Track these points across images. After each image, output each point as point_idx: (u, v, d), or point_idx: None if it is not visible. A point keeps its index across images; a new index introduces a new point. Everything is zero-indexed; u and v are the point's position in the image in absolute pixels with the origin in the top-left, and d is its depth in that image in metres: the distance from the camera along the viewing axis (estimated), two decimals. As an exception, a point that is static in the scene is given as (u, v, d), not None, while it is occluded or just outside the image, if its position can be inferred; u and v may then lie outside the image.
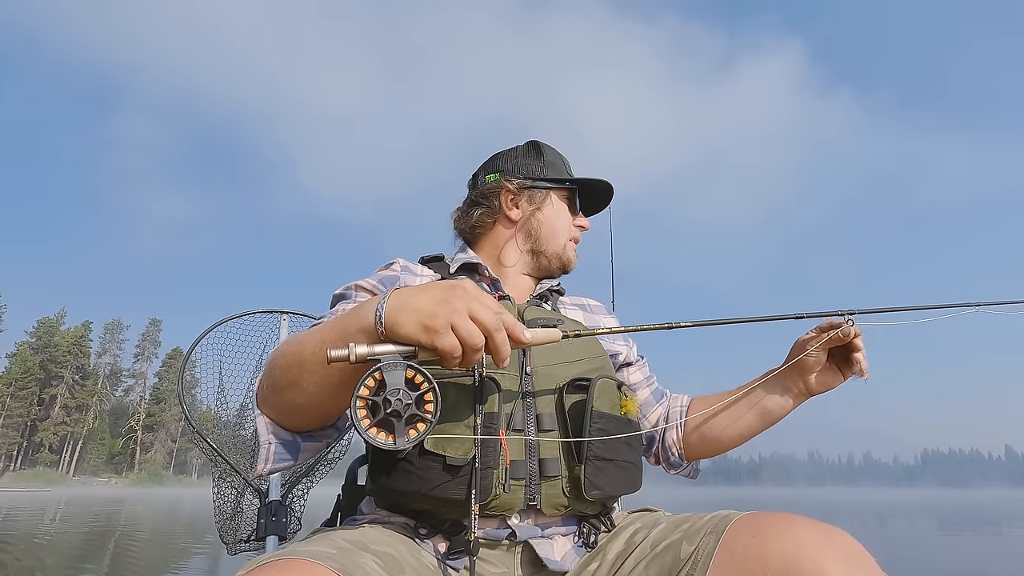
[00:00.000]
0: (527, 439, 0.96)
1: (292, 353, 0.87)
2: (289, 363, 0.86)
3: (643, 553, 0.94)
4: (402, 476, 0.91)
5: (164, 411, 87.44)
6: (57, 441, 79.58)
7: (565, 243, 1.27)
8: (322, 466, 2.20)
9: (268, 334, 2.29)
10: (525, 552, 0.97)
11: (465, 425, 0.91)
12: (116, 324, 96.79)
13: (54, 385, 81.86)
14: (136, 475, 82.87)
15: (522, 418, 0.97)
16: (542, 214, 1.25)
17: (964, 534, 14.75)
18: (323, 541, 0.82)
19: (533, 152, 1.29)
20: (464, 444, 0.90)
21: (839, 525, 0.83)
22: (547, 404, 1.00)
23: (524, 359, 1.01)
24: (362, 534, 0.88)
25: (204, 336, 2.18)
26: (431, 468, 0.90)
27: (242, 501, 2.06)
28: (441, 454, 0.90)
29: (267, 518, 1.87)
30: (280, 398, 0.89)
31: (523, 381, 1.00)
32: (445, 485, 0.89)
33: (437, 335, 0.75)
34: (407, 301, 0.78)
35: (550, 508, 0.96)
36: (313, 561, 0.72)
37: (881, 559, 0.80)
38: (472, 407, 0.92)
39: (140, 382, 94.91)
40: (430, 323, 0.76)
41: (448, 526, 0.95)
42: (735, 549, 0.82)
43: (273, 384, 0.89)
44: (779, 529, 0.81)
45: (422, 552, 0.93)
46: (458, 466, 0.89)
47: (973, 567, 9.01)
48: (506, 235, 1.27)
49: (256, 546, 1.89)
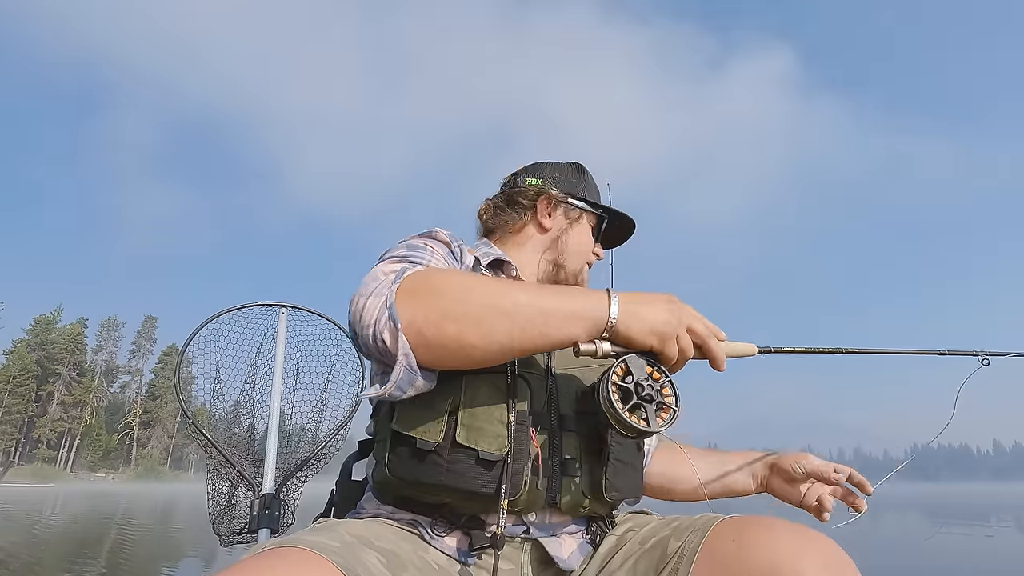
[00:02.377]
0: (551, 438, 0.97)
1: (507, 301, 0.87)
2: (502, 308, 0.86)
3: (632, 549, 0.95)
4: (430, 468, 0.91)
5: (160, 407, 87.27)
6: (54, 437, 79.34)
7: (583, 265, 1.30)
8: (317, 460, 2.20)
9: (266, 327, 2.27)
10: (534, 550, 0.98)
11: (498, 421, 0.92)
12: (112, 321, 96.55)
13: (51, 382, 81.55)
14: (133, 471, 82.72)
15: (547, 417, 0.98)
16: (573, 230, 1.28)
17: (952, 528, 14.81)
18: (327, 533, 0.82)
19: (577, 171, 1.33)
20: (498, 439, 0.91)
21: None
22: (570, 405, 1.00)
23: (549, 361, 1.02)
24: (366, 529, 0.88)
25: (203, 326, 2.17)
26: (462, 461, 0.90)
27: (236, 494, 2.06)
28: (474, 448, 0.90)
29: (260, 511, 1.87)
30: (457, 329, 0.85)
31: (548, 381, 1.01)
32: (476, 479, 0.90)
33: (666, 343, 0.89)
34: (637, 311, 0.89)
35: (569, 507, 0.97)
36: (315, 552, 0.72)
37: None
38: (505, 403, 0.93)
39: (136, 379, 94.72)
40: (664, 331, 0.89)
41: (465, 521, 0.95)
42: (717, 553, 0.83)
43: (454, 314, 0.85)
44: (760, 534, 0.81)
45: (428, 550, 0.92)
46: (492, 460, 0.90)
47: (960, 561, 9.07)
48: (533, 240, 1.28)
49: (249, 539, 1.89)
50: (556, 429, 0.98)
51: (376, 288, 0.90)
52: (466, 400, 0.93)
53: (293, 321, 2.28)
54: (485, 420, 0.92)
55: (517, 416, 0.92)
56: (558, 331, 0.87)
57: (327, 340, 2.35)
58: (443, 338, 0.85)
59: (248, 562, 0.70)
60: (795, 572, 0.75)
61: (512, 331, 0.86)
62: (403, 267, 0.95)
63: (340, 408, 2.34)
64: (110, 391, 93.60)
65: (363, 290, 0.91)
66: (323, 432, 2.29)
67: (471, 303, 0.86)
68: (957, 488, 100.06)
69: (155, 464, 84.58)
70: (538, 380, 0.99)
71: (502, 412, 0.93)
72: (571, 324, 0.88)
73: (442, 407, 0.93)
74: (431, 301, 0.87)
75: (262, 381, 2.27)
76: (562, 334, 0.88)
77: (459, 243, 1.17)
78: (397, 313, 0.85)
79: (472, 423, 0.92)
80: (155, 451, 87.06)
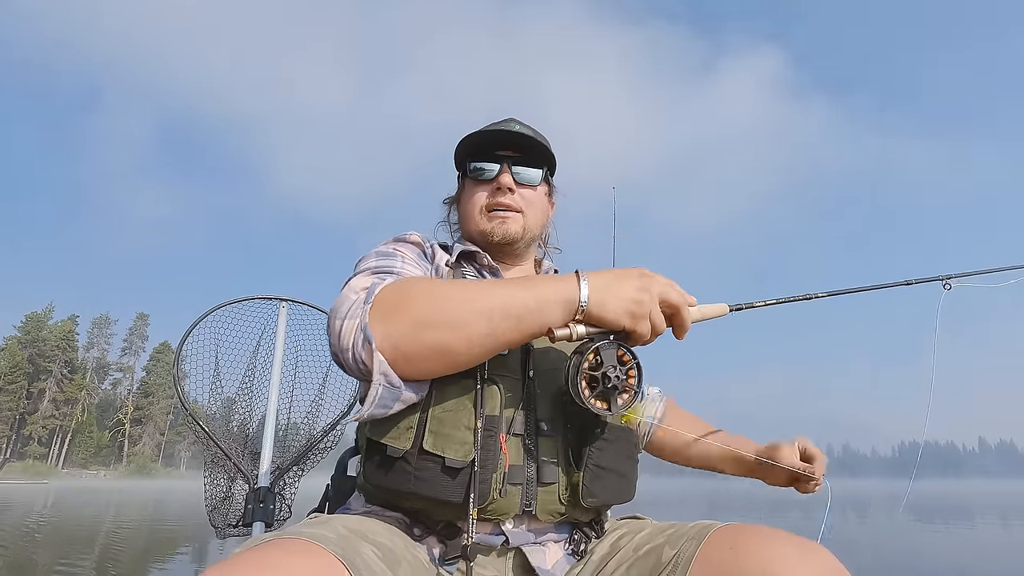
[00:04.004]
0: (526, 443, 0.95)
1: (479, 299, 0.88)
2: (476, 308, 0.87)
3: (626, 556, 0.95)
4: (399, 475, 0.91)
5: (152, 404, 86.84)
6: (46, 434, 78.91)
7: (477, 218, 1.22)
8: (313, 455, 2.21)
9: (266, 321, 2.27)
10: (517, 558, 0.97)
11: (465, 427, 0.91)
12: (104, 319, 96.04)
13: (43, 379, 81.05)
14: (125, 467, 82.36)
15: (522, 422, 0.96)
16: (464, 194, 1.26)
17: (938, 525, 14.93)
18: (324, 526, 0.82)
19: (460, 144, 1.25)
20: (464, 446, 0.90)
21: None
22: (548, 408, 0.98)
23: (528, 361, 1.00)
24: (360, 523, 0.88)
25: (203, 319, 2.17)
26: (429, 469, 0.90)
27: (233, 487, 2.07)
28: (440, 455, 0.89)
29: (255, 504, 1.88)
30: (435, 336, 0.86)
31: (525, 384, 0.99)
32: (443, 487, 0.89)
33: (639, 322, 0.89)
34: (610, 287, 0.90)
35: (545, 514, 0.95)
36: (315, 543, 0.72)
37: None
38: (474, 409, 0.92)
39: (128, 376, 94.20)
40: (636, 310, 0.89)
41: (442, 528, 0.94)
42: (712, 562, 0.83)
43: (430, 321, 0.86)
44: (756, 543, 0.81)
45: (418, 548, 0.93)
46: (457, 468, 0.89)
47: (946, 557, 9.14)
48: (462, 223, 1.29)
49: (244, 531, 1.90)
50: (532, 433, 0.96)
51: (350, 310, 0.91)
52: (435, 406, 0.92)
53: (293, 315, 2.28)
54: (452, 427, 0.91)
55: (486, 422, 0.91)
56: (533, 322, 0.89)
57: (327, 335, 2.34)
58: (422, 348, 0.86)
59: (246, 554, 0.70)
60: None
61: (489, 329, 0.87)
62: (373, 282, 0.96)
63: (338, 403, 2.35)
64: (102, 388, 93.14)
65: (338, 312, 0.92)
66: (320, 427, 2.30)
67: (444, 309, 0.87)
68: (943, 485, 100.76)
69: (147, 461, 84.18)
70: (512, 383, 0.97)
71: (470, 418, 0.92)
72: (544, 313, 0.89)
73: (412, 414, 0.92)
74: (404, 314, 0.87)
75: (261, 375, 2.27)
76: (537, 324, 0.89)
77: (431, 242, 1.18)
78: (372, 333, 0.87)
79: (439, 429, 0.91)
80: (147, 448, 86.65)
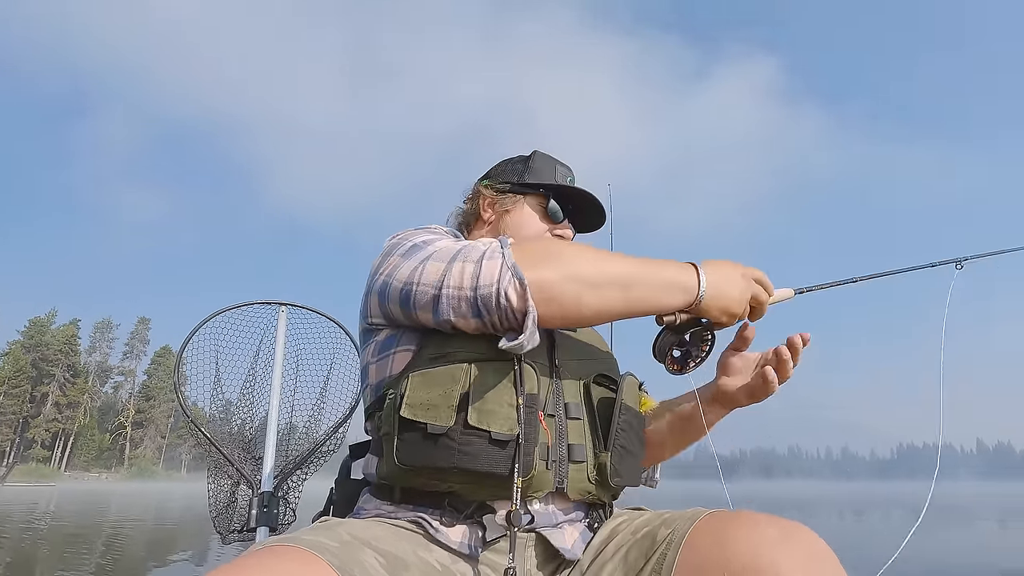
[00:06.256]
0: (557, 424, 0.99)
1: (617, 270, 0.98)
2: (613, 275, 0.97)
3: (625, 539, 0.96)
4: (442, 451, 0.91)
5: (153, 407, 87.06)
6: (49, 437, 79.12)
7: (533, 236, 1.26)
8: (316, 459, 2.20)
9: (266, 325, 2.27)
10: (538, 543, 0.98)
11: (508, 404, 0.93)
12: (106, 323, 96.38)
13: (46, 383, 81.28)
14: (126, 470, 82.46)
15: (554, 403, 1.00)
16: (510, 218, 1.27)
17: (936, 527, 14.91)
18: (326, 532, 0.82)
19: (521, 160, 1.33)
20: (508, 421, 0.92)
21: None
22: (574, 394, 1.03)
23: (554, 353, 1.06)
24: (365, 529, 0.88)
25: (203, 324, 2.16)
26: (474, 443, 0.91)
27: (237, 492, 2.06)
28: (486, 429, 0.91)
29: (259, 509, 1.87)
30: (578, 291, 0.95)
31: (552, 368, 1.04)
32: (489, 459, 0.90)
33: (732, 318, 1.04)
34: (720, 286, 1.01)
35: (575, 492, 0.98)
36: (310, 551, 0.72)
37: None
38: (513, 387, 0.95)
39: (129, 379, 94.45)
40: (736, 311, 1.04)
41: (473, 510, 0.95)
42: (698, 549, 0.84)
43: (579, 278, 0.95)
44: (740, 528, 0.82)
45: (430, 549, 0.92)
46: (504, 440, 0.91)
47: (944, 558, 9.13)
48: (481, 234, 1.30)
49: (248, 537, 1.90)
50: (562, 416, 1.00)
51: (486, 252, 0.96)
52: (475, 385, 0.94)
53: (293, 319, 2.28)
54: (495, 403, 0.93)
55: (527, 400, 0.94)
56: (660, 300, 0.99)
57: (327, 339, 2.35)
58: (564, 297, 0.94)
59: (242, 560, 0.70)
60: (773, 565, 0.76)
61: (623, 297, 0.96)
62: (489, 240, 1.01)
63: (339, 406, 2.35)
64: (103, 392, 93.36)
65: (468, 256, 0.96)
66: (322, 430, 2.29)
67: (587, 268, 0.95)
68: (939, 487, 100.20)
69: (148, 464, 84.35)
70: (542, 367, 1.01)
71: (511, 396, 0.94)
72: (671, 295, 0.99)
73: (451, 392, 0.94)
74: (553, 263, 0.95)
75: (262, 379, 2.27)
76: (662, 303, 1.00)
77: (454, 232, 1.21)
78: (523, 273, 0.92)
79: (483, 406, 0.92)
80: (148, 451, 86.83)
